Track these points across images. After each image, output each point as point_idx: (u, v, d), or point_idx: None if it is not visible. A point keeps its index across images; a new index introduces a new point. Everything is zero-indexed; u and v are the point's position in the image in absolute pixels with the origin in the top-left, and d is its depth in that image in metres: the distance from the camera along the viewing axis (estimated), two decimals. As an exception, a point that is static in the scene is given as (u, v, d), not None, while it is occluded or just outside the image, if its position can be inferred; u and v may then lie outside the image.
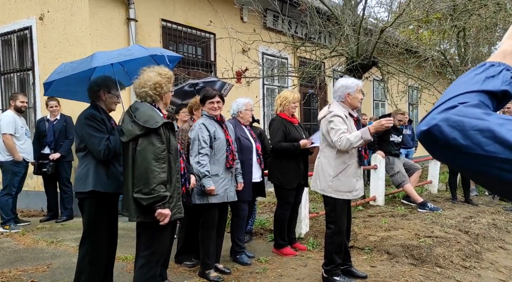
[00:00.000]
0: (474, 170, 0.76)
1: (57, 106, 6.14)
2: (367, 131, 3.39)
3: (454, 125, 0.76)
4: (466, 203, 7.24)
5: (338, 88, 3.66)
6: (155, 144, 2.73)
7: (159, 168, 2.71)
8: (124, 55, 3.34)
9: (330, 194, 3.61)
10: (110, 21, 6.58)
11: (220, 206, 3.92)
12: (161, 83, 2.90)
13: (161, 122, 2.77)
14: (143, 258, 2.91)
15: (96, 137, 3.08)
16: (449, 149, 0.76)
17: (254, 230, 5.37)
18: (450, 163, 0.80)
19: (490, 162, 0.72)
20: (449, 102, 0.80)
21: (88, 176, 3.10)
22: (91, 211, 3.14)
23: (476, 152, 0.73)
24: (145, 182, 2.70)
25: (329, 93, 11.13)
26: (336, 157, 3.58)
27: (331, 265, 3.70)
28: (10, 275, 3.97)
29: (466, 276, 4.05)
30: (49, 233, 5.57)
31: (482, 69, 0.84)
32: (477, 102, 0.78)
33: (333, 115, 3.54)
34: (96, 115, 3.18)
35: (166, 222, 2.76)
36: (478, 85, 0.81)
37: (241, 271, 4.08)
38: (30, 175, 6.42)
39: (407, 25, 7.89)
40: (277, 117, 4.65)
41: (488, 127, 0.73)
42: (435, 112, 0.80)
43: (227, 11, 8.13)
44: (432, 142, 0.79)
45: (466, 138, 0.74)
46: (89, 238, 3.17)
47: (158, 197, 2.69)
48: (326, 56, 7.21)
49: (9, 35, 7.41)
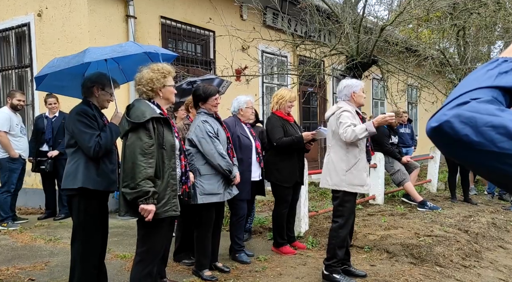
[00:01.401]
0: (486, 167, 0.74)
1: (55, 103, 6.10)
2: (372, 125, 3.55)
3: (466, 121, 0.73)
4: (465, 202, 7.24)
5: (344, 88, 3.80)
6: (142, 139, 2.71)
7: (145, 163, 2.69)
8: (117, 51, 3.29)
9: (344, 188, 3.67)
10: (109, 18, 6.54)
11: (217, 205, 3.89)
12: (153, 78, 2.88)
13: (149, 117, 2.73)
14: (138, 255, 2.91)
15: (87, 133, 3.03)
16: (461, 145, 0.74)
17: (253, 228, 5.36)
18: (461, 160, 0.78)
19: (504, 159, 0.70)
20: (461, 98, 0.78)
21: (77, 172, 3.04)
22: (81, 210, 3.07)
23: (489, 149, 0.71)
24: (131, 177, 2.68)
25: (328, 92, 11.12)
26: (347, 152, 3.69)
27: (333, 260, 3.71)
28: (7, 273, 3.95)
29: (466, 275, 4.04)
30: (47, 230, 5.54)
31: (495, 65, 0.82)
32: (490, 98, 0.76)
33: (343, 110, 3.70)
34: (87, 111, 3.12)
35: (150, 218, 2.70)
36: (491, 80, 0.79)
37: (240, 270, 4.06)
38: (28, 172, 6.39)
39: (407, 23, 7.87)
40: (273, 115, 4.62)
41: (502, 124, 0.71)
42: (446, 108, 0.78)
43: (226, 8, 8.09)
44: (443, 139, 0.77)
45: (479, 135, 0.72)
46: (80, 238, 3.11)
47: (140, 191, 2.65)
48: (326, 55, 7.20)
49: (7, 31, 7.36)
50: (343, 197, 3.70)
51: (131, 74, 3.72)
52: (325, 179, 3.81)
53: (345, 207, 3.71)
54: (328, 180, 3.76)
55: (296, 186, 4.70)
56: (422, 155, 9.72)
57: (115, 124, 3.22)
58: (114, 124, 3.22)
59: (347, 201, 3.70)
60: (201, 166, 3.75)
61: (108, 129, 3.14)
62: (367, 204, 6.86)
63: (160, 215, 2.77)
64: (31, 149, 6.09)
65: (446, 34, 9.23)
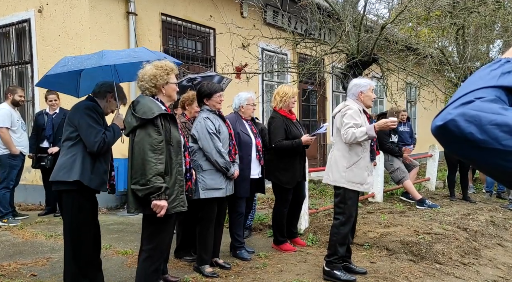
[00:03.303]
0: (491, 164, 0.76)
1: (56, 100, 6.10)
2: (373, 129, 3.56)
3: (471, 120, 0.75)
4: (464, 200, 7.27)
5: (352, 87, 3.83)
6: (151, 135, 2.72)
7: (155, 159, 2.70)
8: (132, 56, 3.33)
9: (343, 184, 3.69)
10: (110, 14, 6.54)
11: (219, 200, 3.92)
12: (157, 75, 2.89)
13: (157, 113, 2.74)
14: (146, 252, 2.91)
15: (94, 128, 3.05)
16: (466, 143, 0.76)
17: (253, 225, 5.38)
18: (465, 158, 0.80)
19: (507, 156, 0.72)
20: (465, 97, 0.80)
21: (74, 165, 3.01)
22: (74, 206, 3.06)
23: (494, 147, 0.73)
24: (142, 173, 2.69)
25: (328, 90, 11.13)
26: (350, 149, 3.71)
27: (334, 256, 3.73)
28: (9, 268, 3.97)
29: (465, 272, 4.08)
30: (48, 226, 5.56)
31: (498, 65, 0.84)
32: (494, 97, 0.78)
33: (348, 109, 3.71)
34: (97, 108, 3.19)
35: (163, 214, 2.72)
36: (494, 80, 0.81)
37: (241, 266, 4.08)
38: (28, 169, 6.40)
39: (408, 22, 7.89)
40: (277, 114, 4.58)
41: (506, 122, 0.73)
42: (451, 107, 0.80)
43: (227, 6, 8.09)
44: (448, 137, 0.79)
45: (483, 133, 0.74)
46: (72, 235, 3.11)
47: (153, 187, 2.67)
48: (326, 53, 7.20)
49: (8, 27, 7.36)
50: (345, 194, 3.72)
51: (124, 76, 3.74)
52: (327, 175, 3.86)
53: (347, 205, 3.72)
54: (330, 176, 3.80)
55: (299, 183, 4.69)
56: (421, 153, 9.75)
57: (117, 125, 3.25)
58: (116, 126, 3.25)
59: (349, 199, 3.72)
60: (203, 162, 3.79)
61: (112, 129, 3.19)
62: (366, 201, 6.89)
63: (169, 211, 2.79)
64: (31, 145, 6.10)
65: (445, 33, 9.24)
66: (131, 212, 2.87)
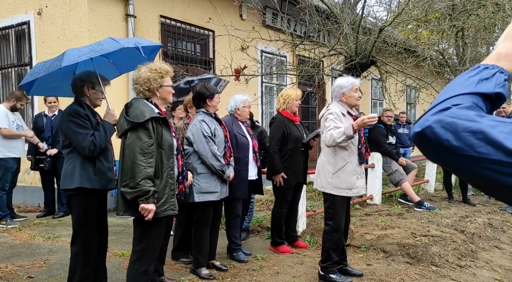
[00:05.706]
0: (467, 171, 0.77)
1: (55, 102, 6.13)
2: (350, 128, 3.41)
3: (447, 127, 0.76)
4: (464, 202, 7.26)
5: (334, 88, 3.77)
6: (142, 138, 2.73)
7: (145, 162, 2.70)
8: (95, 50, 3.18)
9: (329, 190, 3.66)
10: (109, 17, 6.57)
11: (215, 203, 3.92)
12: (150, 78, 2.89)
13: (148, 116, 2.75)
14: (135, 254, 2.92)
15: (81, 133, 3.02)
16: (442, 150, 0.77)
17: (251, 227, 5.39)
18: (443, 164, 0.81)
19: (482, 163, 0.73)
20: (443, 104, 0.81)
21: (74, 172, 3.04)
22: (80, 209, 3.09)
23: (469, 153, 0.74)
24: (131, 176, 2.69)
25: (327, 92, 11.14)
26: (335, 154, 3.63)
27: (328, 262, 3.73)
28: (6, 270, 3.98)
29: (461, 275, 4.08)
30: (46, 228, 5.57)
31: (476, 72, 0.85)
32: (471, 104, 0.79)
33: (329, 113, 3.63)
34: (79, 111, 3.10)
35: (150, 217, 2.72)
36: (471, 87, 0.82)
37: (238, 268, 4.09)
38: (27, 170, 6.41)
39: (406, 24, 7.89)
40: (279, 116, 4.63)
41: (480, 129, 0.74)
42: (428, 114, 0.81)
43: (226, 8, 8.12)
44: (426, 143, 0.80)
45: (459, 140, 0.75)
46: (80, 237, 3.13)
47: (141, 191, 2.67)
48: (324, 55, 7.22)
49: (7, 30, 7.38)
50: (333, 199, 3.68)
51: (123, 67, 3.69)
52: (316, 180, 3.83)
53: (335, 209, 3.68)
54: (318, 182, 3.77)
55: (297, 186, 4.72)
56: (420, 155, 9.74)
57: (108, 122, 3.22)
58: (107, 122, 3.21)
59: (337, 204, 3.67)
60: (198, 165, 3.79)
61: (102, 128, 3.13)
62: (364, 203, 6.89)
63: (159, 214, 2.80)
64: (30, 147, 6.12)
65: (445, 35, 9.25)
66: (120, 214, 2.88)
